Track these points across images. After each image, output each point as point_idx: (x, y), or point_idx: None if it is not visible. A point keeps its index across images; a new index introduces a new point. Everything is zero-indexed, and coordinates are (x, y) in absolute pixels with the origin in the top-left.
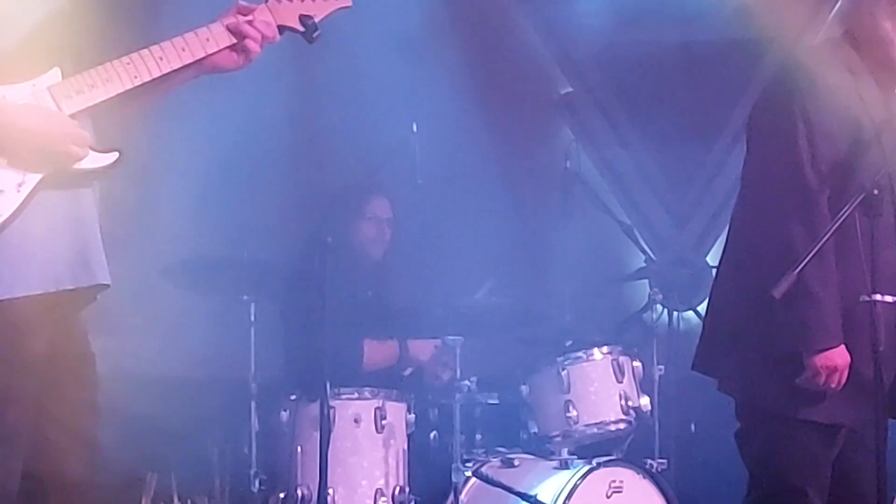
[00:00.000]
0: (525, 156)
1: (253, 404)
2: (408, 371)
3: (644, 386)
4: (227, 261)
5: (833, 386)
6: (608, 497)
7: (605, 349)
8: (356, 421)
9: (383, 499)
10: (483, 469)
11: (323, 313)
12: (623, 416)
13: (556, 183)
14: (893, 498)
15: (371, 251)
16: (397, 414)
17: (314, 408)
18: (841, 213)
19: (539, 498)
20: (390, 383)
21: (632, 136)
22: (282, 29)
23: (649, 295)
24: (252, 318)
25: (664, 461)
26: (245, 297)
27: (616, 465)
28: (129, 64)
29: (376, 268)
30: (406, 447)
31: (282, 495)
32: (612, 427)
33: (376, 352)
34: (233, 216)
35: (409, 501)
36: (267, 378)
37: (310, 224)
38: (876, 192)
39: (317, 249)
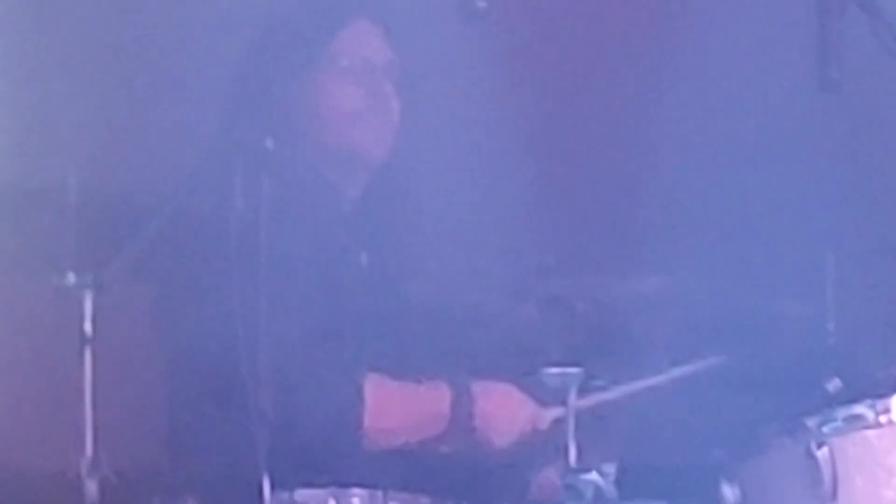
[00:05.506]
0: None
1: None
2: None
3: None
4: (36, 197)
5: None
6: None
7: None
8: None
9: None
10: None
11: (255, 313)
12: None
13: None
14: None
15: (361, 146)
16: None
17: None
18: None
19: None
20: (427, 476)
21: None
22: None
23: None
24: (86, 329)
25: None
26: (72, 279)
27: None
28: None
29: (376, 193)
30: None
31: None
32: None
33: (395, 404)
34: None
35: None
36: (126, 464)
37: (211, 109)
38: None
39: (236, 166)
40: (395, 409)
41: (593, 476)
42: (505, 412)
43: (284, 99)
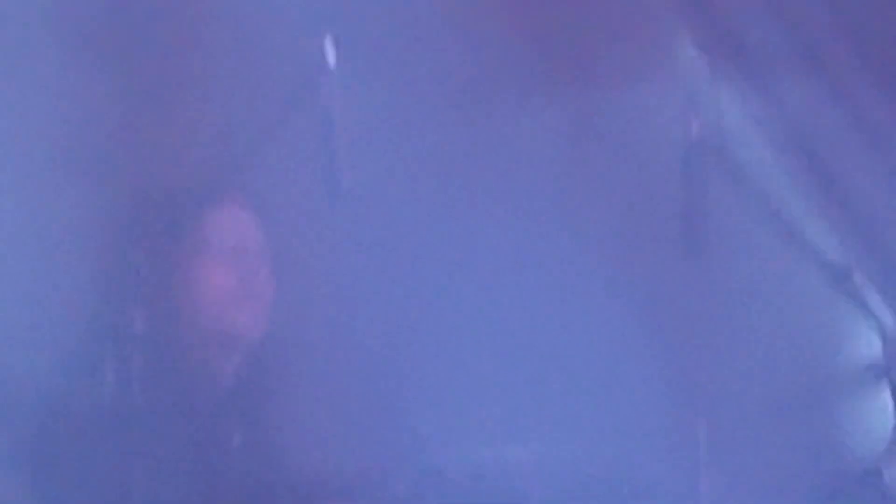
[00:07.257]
0: (579, 108)
1: None
2: None
3: None
4: None
5: None
6: None
7: None
8: None
9: None
10: None
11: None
12: None
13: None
14: None
15: (236, 329)
16: None
17: None
18: None
19: None
20: None
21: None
22: None
23: None
24: None
25: None
26: None
27: None
28: None
29: (251, 374)
30: None
31: None
32: None
33: None
34: None
35: None
36: None
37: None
38: None
39: (105, 350)
40: None
41: None
42: None
43: (159, 280)
